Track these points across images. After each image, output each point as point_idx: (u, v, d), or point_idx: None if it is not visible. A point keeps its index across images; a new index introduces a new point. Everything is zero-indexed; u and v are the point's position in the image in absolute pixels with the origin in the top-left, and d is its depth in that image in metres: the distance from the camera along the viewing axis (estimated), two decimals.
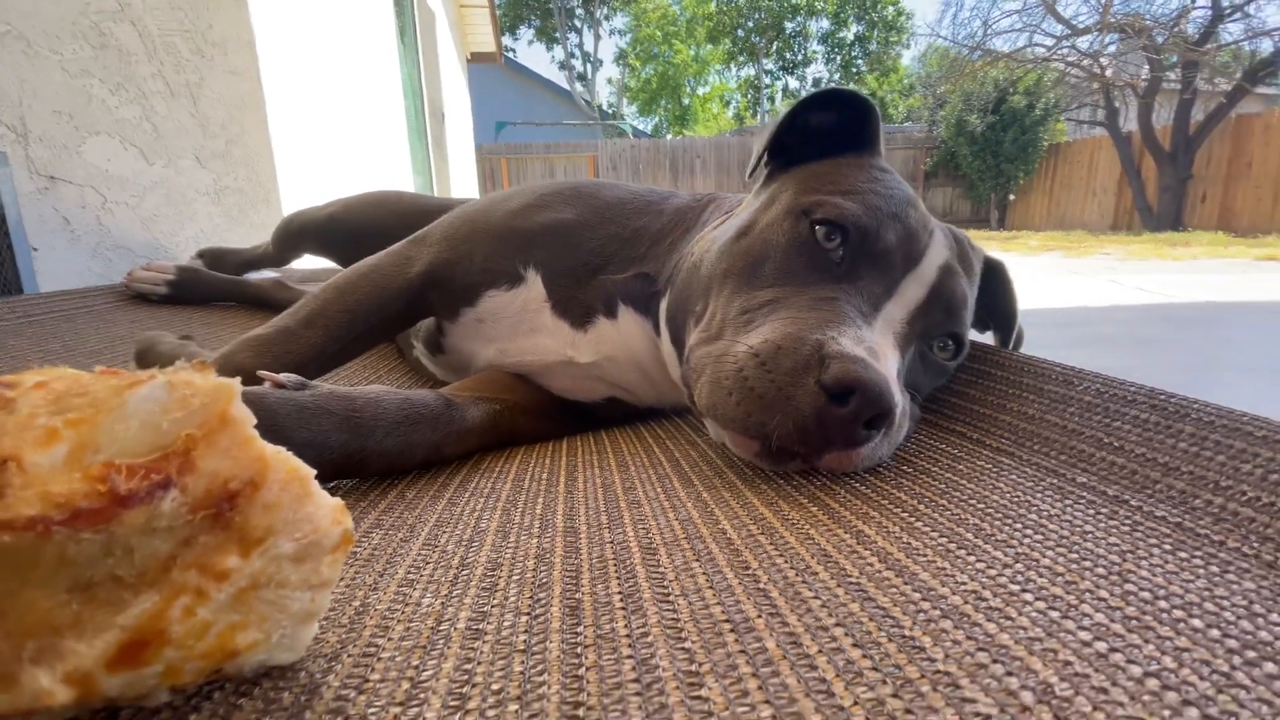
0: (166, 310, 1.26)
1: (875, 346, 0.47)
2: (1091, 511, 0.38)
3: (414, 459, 0.55)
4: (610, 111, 21.22)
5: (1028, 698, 0.22)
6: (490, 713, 0.24)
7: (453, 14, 6.51)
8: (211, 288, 1.32)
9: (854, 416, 0.42)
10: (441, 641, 0.29)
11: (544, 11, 20.08)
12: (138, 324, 1.15)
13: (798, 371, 0.43)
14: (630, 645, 0.28)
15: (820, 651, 0.26)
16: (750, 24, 20.22)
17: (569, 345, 0.70)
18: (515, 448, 0.65)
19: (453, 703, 0.25)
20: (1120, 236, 6.27)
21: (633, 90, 21.64)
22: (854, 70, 21.96)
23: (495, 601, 0.32)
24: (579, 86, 19.72)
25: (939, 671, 0.24)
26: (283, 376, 0.51)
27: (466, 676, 0.26)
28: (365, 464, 0.51)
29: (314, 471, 0.26)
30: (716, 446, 0.56)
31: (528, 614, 0.31)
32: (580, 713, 0.24)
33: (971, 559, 0.33)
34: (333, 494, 0.26)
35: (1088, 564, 0.32)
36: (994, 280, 0.67)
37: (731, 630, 0.28)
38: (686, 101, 21.70)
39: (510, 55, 17.99)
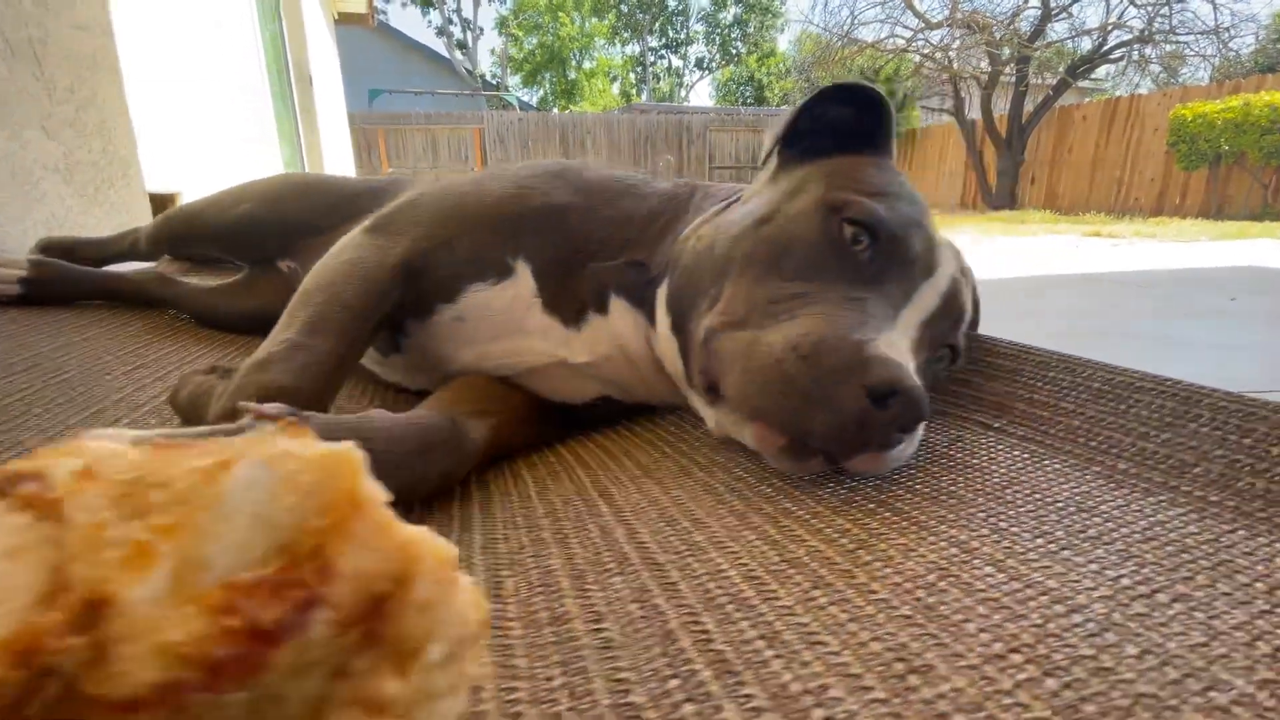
0: (26, 315, 0.98)
1: (900, 350, 0.47)
2: (1163, 502, 0.42)
3: (423, 491, 0.50)
4: (494, 82, 20.51)
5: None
6: None
7: None
8: (78, 285, 1.10)
9: (893, 420, 0.43)
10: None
11: None
12: None
13: (841, 371, 0.43)
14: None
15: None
16: None
17: (562, 345, 0.65)
18: (512, 460, 0.62)
19: None
20: (969, 216, 7.05)
21: (516, 60, 21.01)
22: (733, 51, 22.54)
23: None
24: (459, 54, 18.85)
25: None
26: (269, 406, 0.44)
27: None
28: None
29: (456, 550, 0.21)
30: (724, 450, 0.56)
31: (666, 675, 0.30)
32: None
33: (1082, 560, 0.36)
34: None
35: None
36: None
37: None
38: (572, 76, 21.37)
39: (382, 18, 16.88)
